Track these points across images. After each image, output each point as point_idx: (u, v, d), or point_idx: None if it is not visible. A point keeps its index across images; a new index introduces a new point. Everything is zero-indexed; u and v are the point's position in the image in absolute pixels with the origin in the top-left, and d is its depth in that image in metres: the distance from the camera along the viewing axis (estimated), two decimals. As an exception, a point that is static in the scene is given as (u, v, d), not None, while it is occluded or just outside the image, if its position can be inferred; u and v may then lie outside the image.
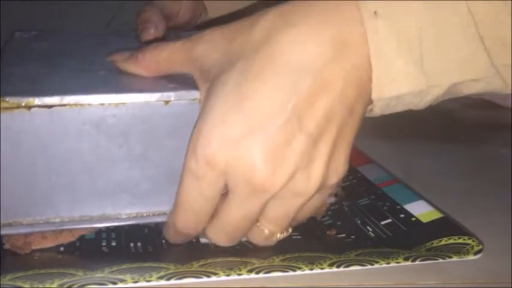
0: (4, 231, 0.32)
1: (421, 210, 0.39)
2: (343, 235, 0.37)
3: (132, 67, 0.34)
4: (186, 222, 0.31)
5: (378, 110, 0.31)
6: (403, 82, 0.29)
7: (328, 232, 0.38)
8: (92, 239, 0.35)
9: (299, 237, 0.37)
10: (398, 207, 0.40)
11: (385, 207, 0.40)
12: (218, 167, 0.29)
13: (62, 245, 0.34)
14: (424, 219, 0.38)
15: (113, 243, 0.35)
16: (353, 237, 0.37)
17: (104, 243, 0.35)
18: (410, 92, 0.30)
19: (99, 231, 0.35)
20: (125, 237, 0.35)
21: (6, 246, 0.33)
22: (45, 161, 0.31)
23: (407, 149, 0.55)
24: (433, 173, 0.49)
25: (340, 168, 0.31)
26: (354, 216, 0.39)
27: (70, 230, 0.34)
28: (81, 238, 0.35)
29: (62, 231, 0.34)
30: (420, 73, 0.29)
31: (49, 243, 0.34)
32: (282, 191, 0.30)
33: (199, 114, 0.30)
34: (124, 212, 0.33)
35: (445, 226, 0.37)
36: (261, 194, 0.30)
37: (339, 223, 0.39)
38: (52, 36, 0.43)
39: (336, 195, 0.37)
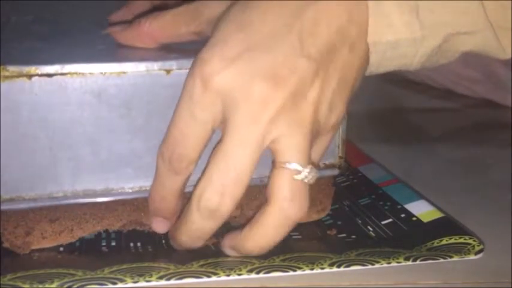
0: (6, 206, 0.31)
1: (422, 210, 0.39)
2: (344, 235, 0.37)
3: (132, 36, 0.33)
4: (174, 151, 0.30)
5: (373, 59, 0.31)
6: (399, 28, 0.30)
7: (328, 232, 0.37)
8: (91, 239, 0.35)
9: (299, 237, 0.37)
10: (399, 206, 0.40)
11: (386, 207, 0.40)
12: (214, 86, 0.28)
13: (61, 245, 0.34)
14: (425, 219, 0.38)
15: (113, 243, 0.35)
16: (354, 237, 0.37)
17: (103, 243, 0.35)
18: (405, 38, 0.30)
19: (99, 232, 0.35)
20: (124, 237, 0.35)
21: (5, 245, 0.33)
22: (46, 132, 0.30)
23: (408, 148, 0.55)
24: (434, 172, 0.49)
25: (339, 107, 0.31)
26: (355, 216, 0.39)
27: (70, 231, 0.34)
28: (81, 238, 0.35)
29: (61, 231, 0.34)
30: (416, 21, 0.30)
31: (48, 243, 0.34)
32: (281, 113, 0.29)
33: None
34: (127, 185, 0.33)
35: (446, 226, 0.37)
36: (261, 115, 0.28)
37: (339, 223, 0.38)
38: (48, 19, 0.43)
39: (339, 167, 0.36)
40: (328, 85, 0.30)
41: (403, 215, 0.39)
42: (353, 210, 0.40)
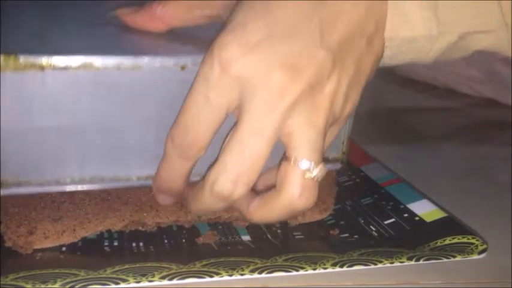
0: (12, 190, 0.31)
1: (425, 210, 0.39)
2: (346, 235, 0.37)
3: (143, 20, 0.33)
4: (185, 137, 0.29)
5: (388, 52, 0.31)
6: (416, 25, 0.30)
7: (331, 232, 0.37)
8: (93, 239, 0.35)
9: (302, 236, 0.37)
10: (402, 206, 0.39)
11: (389, 207, 0.40)
12: (233, 72, 0.28)
13: (64, 244, 0.34)
14: (428, 219, 0.38)
15: (115, 243, 0.35)
16: (356, 236, 0.37)
17: (106, 243, 0.35)
18: (422, 35, 0.31)
19: (101, 232, 0.35)
20: (127, 237, 0.35)
21: (8, 244, 0.33)
22: (56, 122, 0.30)
23: (411, 147, 0.55)
24: (437, 172, 0.49)
25: (353, 98, 0.31)
26: (357, 216, 0.39)
27: (72, 230, 0.34)
28: (84, 238, 0.35)
29: (64, 231, 0.34)
30: (434, 18, 0.30)
31: (51, 243, 0.34)
32: (298, 104, 0.28)
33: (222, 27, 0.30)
34: (135, 174, 0.32)
35: (449, 225, 0.37)
36: (277, 104, 0.28)
37: (342, 223, 0.38)
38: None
39: (342, 162, 0.36)
40: (344, 77, 0.30)
41: (405, 215, 0.38)
42: (355, 210, 0.40)
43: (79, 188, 0.32)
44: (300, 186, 0.29)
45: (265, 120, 0.28)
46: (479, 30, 0.31)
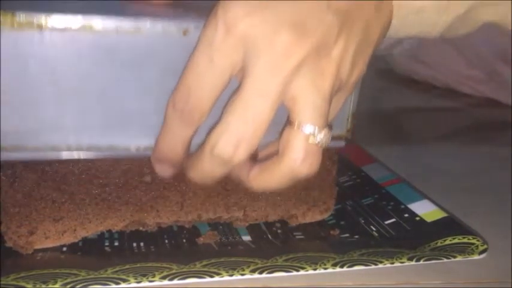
0: (8, 155, 0.30)
1: (425, 210, 0.39)
2: (347, 235, 0.37)
3: None
4: (187, 101, 0.28)
5: (395, 22, 0.31)
6: None
7: (331, 232, 0.37)
8: (94, 239, 0.35)
9: (302, 237, 0.37)
10: (402, 206, 0.39)
11: (389, 207, 0.40)
12: (237, 32, 0.27)
13: (64, 244, 0.34)
14: (428, 219, 0.38)
15: (116, 243, 0.35)
16: (357, 237, 0.37)
17: (106, 243, 0.35)
18: (430, 4, 0.30)
19: (102, 232, 0.35)
20: (127, 237, 0.35)
21: (9, 244, 0.33)
22: (53, 85, 0.29)
23: (411, 147, 0.55)
24: (437, 172, 0.49)
25: (360, 65, 0.30)
26: (358, 216, 0.39)
27: (73, 231, 0.34)
28: (84, 238, 0.35)
29: (64, 231, 0.34)
30: None
31: (51, 243, 0.34)
32: (304, 66, 0.28)
33: None
34: (133, 144, 0.32)
35: (450, 225, 0.37)
36: (282, 65, 0.27)
37: (342, 223, 0.38)
38: None
39: (346, 139, 0.36)
40: (352, 43, 0.29)
41: (406, 215, 0.38)
42: (356, 210, 0.40)
43: (75, 155, 0.31)
44: (303, 151, 0.28)
45: (269, 82, 0.28)
46: (487, 1, 0.31)
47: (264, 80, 0.28)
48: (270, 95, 0.28)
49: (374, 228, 0.38)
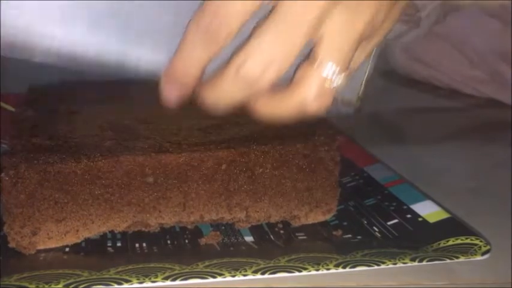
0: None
1: (428, 211, 0.38)
2: (350, 235, 0.37)
3: None
4: (214, 18, 0.27)
5: None
6: None
7: (334, 232, 0.37)
8: (97, 239, 0.35)
9: (305, 237, 0.37)
10: (405, 207, 0.39)
11: (392, 208, 0.40)
12: None
13: (67, 245, 0.34)
14: (431, 220, 0.38)
15: (118, 244, 0.35)
16: (359, 237, 0.37)
17: (109, 244, 0.35)
18: None
19: (104, 233, 0.35)
20: (130, 237, 0.35)
21: (12, 245, 0.33)
22: None
23: (414, 148, 0.55)
24: (440, 172, 0.49)
25: (393, 16, 0.30)
26: (360, 217, 0.39)
27: (76, 231, 0.34)
28: (87, 239, 0.35)
29: (67, 232, 0.34)
30: None
31: (54, 244, 0.34)
32: (343, 3, 0.27)
33: None
34: (143, 62, 0.29)
35: (452, 226, 0.37)
36: None
37: (345, 223, 0.38)
38: None
39: (355, 107, 0.35)
40: None
41: (409, 216, 0.38)
42: (359, 211, 0.40)
43: (84, 68, 0.28)
44: (318, 88, 0.28)
45: (306, 12, 0.27)
46: None
47: (301, 9, 0.27)
48: (305, 25, 0.27)
49: (377, 229, 0.37)
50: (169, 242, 0.35)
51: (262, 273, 0.31)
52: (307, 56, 0.28)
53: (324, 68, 0.28)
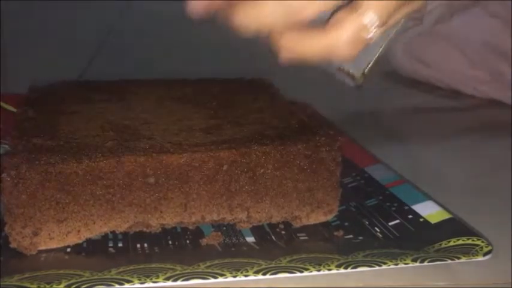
0: None
1: (430, 211, 0.38)
2: (351, 236, 0.37)
3: None
4: None
5: None
6: None
7: (335, 233, 0.37)
8: (98, 240, 0.35)
9: (306, 238, 0.37)
10: (406, 207, 0.39)
11: (393, 208, 0.40)
12: None
13: (68, 245, 0.34)
14: (433, 220, 0.38)
15: (120, 244, 0.35)
16: (361, 238, 0.37)
17: (110, 244, 0.35)
18: None
19: (106, 233, 0.35)
20: (131, 238, 0.35)
21: (13, 245, 0.33)
22: None
23: (415, 148, 0.55)
24: (441, 173, 0.49)
25: None
26: (362, 217, 0.39)
27: (77, 232, 0.34)
28: (88, 239, 0.35)
29: (68, 232, 0.34)
30: None
31: (55, 244, 0.34)
32: None
33: None
34: None
35: (454, 227, 0.37)
36: None
37: (346, 224, 0.38)
38: None
39: (357, 82, 0.35)
40: None
41: (410, 216, 0.38)
42: (360, 212, 0.40)
43: None
44: (354, 35, 0.28)
45: None
46: None
47: None
48: None
49: (378, 230, 0.37)
50: (170, 242, 0.35)
51: (264, 274, 0.31)
52: (350, 3, 0.29)
53: (365, 16, 0.28)
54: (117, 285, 0.29)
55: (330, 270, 0.32)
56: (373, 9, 0.28)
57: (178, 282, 0.30)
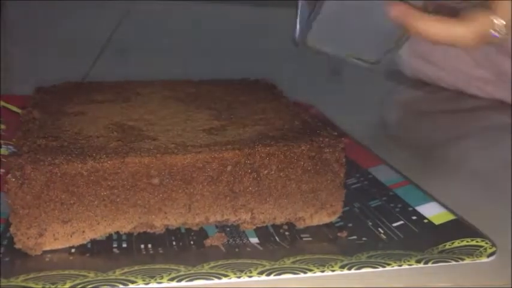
0: None
1: (434, 212, 0.38)
2: (355, 237, 0.37)
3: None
4: None
5: None
6: None
7: (339, 234, 0.37)
8: (102, 240, 0.35)
9: (310, 239, 0.37)
10: (410, 209, 0.39)
11: (397, 209, 0.40)
12: None
13: (73, 246, 0.34)
14: (437, 221, 0.37)
15: (124, 245, 0.35)
16: (364, 239, 0.37)
17: (114, 245, 0.35)
18: None
19: (110, 234, 0.35)
20: (135, 239, 0.35)
21: (18, 246, 0.33)
22: None
23: (419, 149, 0.55)
24: (445, 174, 0.49)
25: None
26: (366, 218, 0.39)
27: (82, 232, 0.34)
28: (92, 240, 0.35)
29: (73, 233, 0.34)
30: None
31: (60, 245, 0.34)
32: None
33: None
34: None
35: (458, 228, 0.36)
36: None
37: (350, 225, 0.38)
38: None
39: (370, 66, 0.39)
40: None
41: (414, 217, 0.38)
42: (364, 213, 0.40)
43: None
44: (479, 34, 0.35)
45: None
46: None
47: None
48: None
49: (382, 231, 0.37)
50: (174, 243, 0.35)
51: (268, 275, 0.31)
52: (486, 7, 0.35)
53: (497, 17, 0.35)
54: (121, 286, 0.29)
55: (333, 271, 0.32)
56: (505, 12, 0.35)
57: (183, 283, 0.30)
